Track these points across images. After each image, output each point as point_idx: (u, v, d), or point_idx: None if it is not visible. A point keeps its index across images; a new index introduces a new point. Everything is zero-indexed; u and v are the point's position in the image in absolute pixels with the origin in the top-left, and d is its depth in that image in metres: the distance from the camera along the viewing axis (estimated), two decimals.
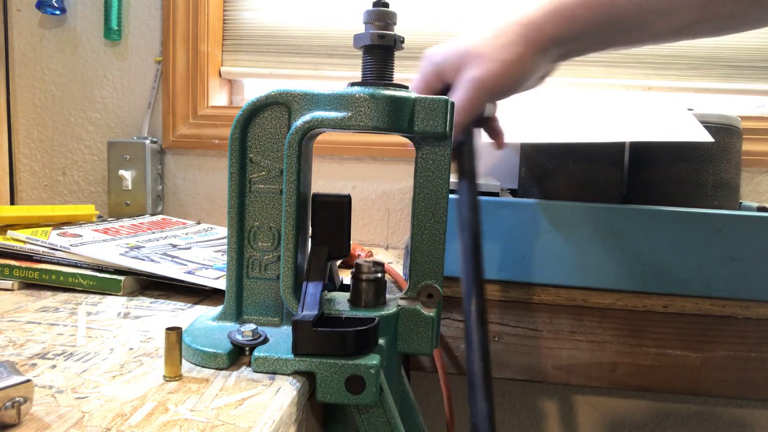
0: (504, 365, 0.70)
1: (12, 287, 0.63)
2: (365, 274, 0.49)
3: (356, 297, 0.50)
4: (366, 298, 0.49)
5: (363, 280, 0.49)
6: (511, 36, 0.55)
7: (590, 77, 1.03)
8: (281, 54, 1.09)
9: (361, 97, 0.45)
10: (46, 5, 1.06)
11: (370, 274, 0.49)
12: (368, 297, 0.49)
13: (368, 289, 0.49)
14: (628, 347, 0.68)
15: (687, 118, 0.70)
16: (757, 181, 0.99)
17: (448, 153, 0.49)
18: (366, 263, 0.49)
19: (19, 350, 0.46)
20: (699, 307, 0.66)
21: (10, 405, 0.33)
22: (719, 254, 0.64)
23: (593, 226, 0.66)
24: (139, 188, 1.05)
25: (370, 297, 0.49)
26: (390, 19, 0.48)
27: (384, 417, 0.44)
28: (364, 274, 0.49)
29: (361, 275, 0.49)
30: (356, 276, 0.50)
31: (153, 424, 0.35)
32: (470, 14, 1.04)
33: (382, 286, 0.50)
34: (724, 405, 1.04)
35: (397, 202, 1.06)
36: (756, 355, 0.67)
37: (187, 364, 0.44)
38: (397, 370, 0.55)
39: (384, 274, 0.51)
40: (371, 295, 0.49)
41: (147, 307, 0.59)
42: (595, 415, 1.07)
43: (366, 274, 0.49)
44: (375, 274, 0.49)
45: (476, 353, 0.47)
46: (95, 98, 1.12)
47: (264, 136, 0.49)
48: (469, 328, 0.48)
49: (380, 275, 0.50)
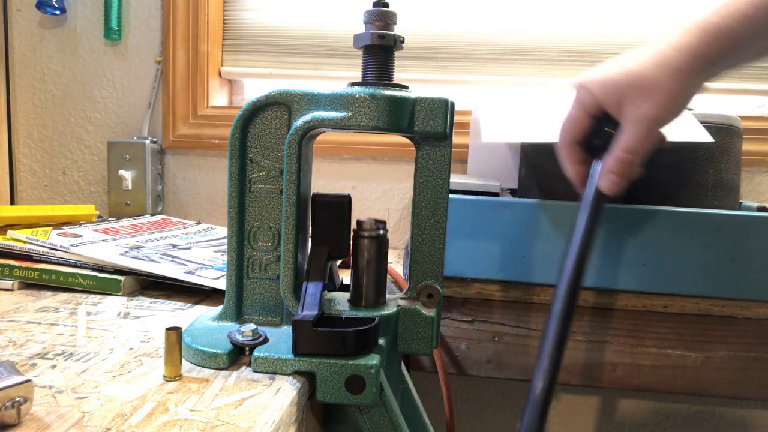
0: (504, 365, 0.70)
1: (12, 287, 0.63)
2: (367, 231, 0.49)
3: (357, 256, 0.49)
4: (368, 255, 0.49)
5: (365, 237, 0.49)
6: (672, 63, 0.51)
7: None
8: (281, 54, 1.09)
9: (361, 97, 0.45)
10: (46, 5, 1.06)
11: (372, 231, 0.49)
12: (370, 254, 0.49)
13: (370, 247, 0.49)
14: (628, 347, 0.68)
15: (687, 118, 0.70)
16: (757, 181, 0.99)
17: (449, 153, 0.49)
18: (368, 220, 0.49)
19: (19, 350, 0.46)
20: (699, 307, 0.66)
21: (10, 405, 0.33)
22: (719, 254, 0.64)
23: None
24: (139, 188, 1.05)
25: (372, 254, 0.49)
26: (390, 19, 0.48)
27: (386, 416, 0.44)
28: (366, 231, 0.49)
29: (363, 232, 0.49)
30: (358, 233, 0.49)
31: (153, 424, 0.35)
32: (470, 14, 1.04)
33: (383, 244, 0.49)
34: (724, 405, 1.04)
35: (397, 202, 1.06)
36: (756, 355, 0.67)
37: (187, 364, 0.44)
38: (398, 369, 0.55)
39: (386, 232, 0.50)
40: (373, 253, 0.49)
41: (147, 307, 0.59)
42: (595, 415, 1.07)
43: (368, 231, 0.49)
44: (377, 231, 0.49)
45: (545, 374, 0.47)
46: (95, 98, 1.12)
47: (264, 136, 0.49)
48: (545, 347, 0.48)
49: (382, 232, 0.49)
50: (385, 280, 0.51)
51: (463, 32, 1.04)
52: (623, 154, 0.52)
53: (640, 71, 0.52)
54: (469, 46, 1.04)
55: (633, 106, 0.52)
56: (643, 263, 0.66)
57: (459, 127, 0.96)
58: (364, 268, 0.49)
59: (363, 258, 0.49)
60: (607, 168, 0.53)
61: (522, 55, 1.04)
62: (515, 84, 1.04)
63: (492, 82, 1.05)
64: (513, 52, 1.04)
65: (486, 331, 0.70)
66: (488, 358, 0.70)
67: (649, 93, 0.51)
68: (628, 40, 1.01)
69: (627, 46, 0.99)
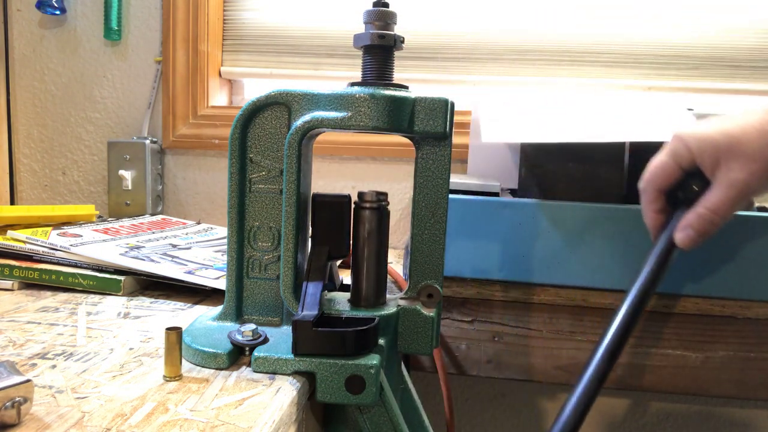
0: (504, 365, 0.70)
1: (12, 287, 0.63)
2: (368, 202, 0.49)
3: (358, 227, 0.49)
4: (369, 227, 0.49)
5: (366, 208, 0.49)
6: None
7: (590, 77, 1.03)
8: (281, 54, 1.09)
9: (361, 97, 0.45)
10: (46, 5, 1.06)
11: (373, 202, 0.49)
12: (371, 226, 0.49)
13: (371, 218, 0.49)
14: (629, 347, 0.68)
15: (688, 118, 0.70)
16: None
17: (449, 153, 0.49)
18: (369, 192, 0.49)
19: (19, 350, 0.46)
20: (699, 307, 0.66)
21: (10, 405, 0.33)
22: (719, 254, 0.64)
23: (593, 226, 0.66)
24: (139, 188, 1.05)
25: (373, 226, 0.49)
26: (390, 19, 0.48)
27: (386, 416, 0.44)
28: (368, 202, 0.49)
29: (364, 203, 0.49)
30: (359, 205, 0.49)
31: (153, 424, 0.35)
32: (470, 14, 1.04)
33: (385, 215, 0.49)
34: (724, 405, 1.04)
35: (397, 202, 1.06)
36: (756, 355, 0.67)
37: (187, 364, 0.44)
38: (398, 369, 0.55)
39: (387, 204, 0.50)
40: (374, 224, 0.49)
41: (147, 307, 0.59)
42: (595, 415, 1.07)
43: (369, 202, 0.49)
44: (379, 203, 0.49)
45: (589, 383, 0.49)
46: (95, 98, 1.12)
47: (264, 136, 0.49)
48: (594, 356, 0.49)
49: (384, 203, 0.49)
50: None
51: (463, 32, 1.04)
52: (707, 213, 0.53)
53: (741, 136, 0.52)
54: (469, 46, 1.04)
55: (727, 168, 0.52)
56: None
57: (459, 127, 0.96)
58: (365, 239, 0.49)
59: (364, 229, 0.49)
60: (687, 222, 0.54)
61: (522, 55, 1.04)
62: (515, 84, 1.04)
63: (492, 82, 1.05)
64: (513, 52, 1.04)
65: (486, 331, 0.70)
66: (488, 358, 0.70)
67: (746, 159, 0.51)
68: (628, 40, 1.01)
69: (627, 46, 1.00)
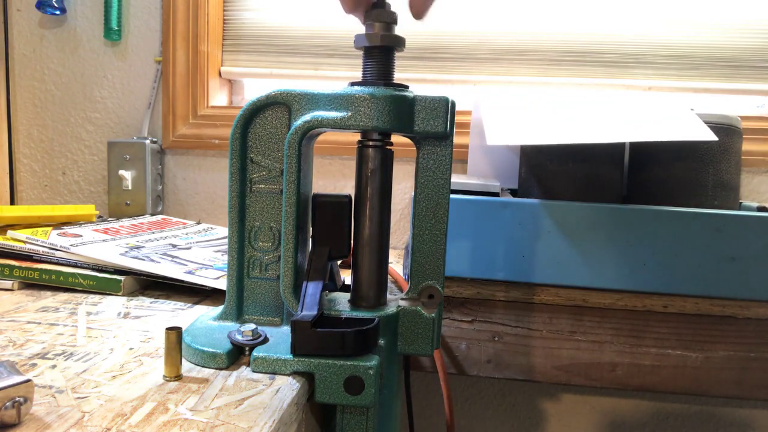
0: (504, 365, 0.70)
1: (12, 287, 0.63)
2: (372, 141, 0.48)
3: (361, 166, 0.48)
4: (372, 166, 0.48)
5: (370, 147, 0.48)
6: None
7: (590, 77, 1.03)
8: (281, 54, 1.09)
9: (361, 97, 0.45)
10: (46, 5, 1.06)
11: (376, 141, 0.48)
12: (375, 164, 0.48)
13: (375, 156, 0.48)
14: (628, 347, 0.68)
15: (690, 117, 0.70)
16: (757, 181, 0.99)
17: (450, 153, 0.49)
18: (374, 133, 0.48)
19: (19, 350, 0.46)
20: (699, 307, 0.66)
21: (10, 405, 0.33)
22: (719, 254, 0.64)
23: (593, 226, 0.66)
24: (139, 188, 1.05)
25: (377, 164, 0.48)
26: (390, 19, 0.48)
27: (364, 424, 0.44)
28: (372, 141, 0.48)
29: (368, 141, 0.48)
30: (363, 143, 0.49)
31: (153, 424, 0.35)
32: (470, 14, 1.04)
33: (389, 157, 0.48)
34: (724, 405, 1.04)
35: (397, 202, 1.06)
36: (756, 355, 0.67)
37: (187, 364, 0.44)
38: (398, 370, 0.55)
39: (391, 145, 0.49)
40: (378, 162, 0.48)
41: (147, 307, 0.59)
42: (595, 415, 1.07)
43: (373, 141, 0.48)
44: (383, 141, 0.49)
45: None
46: (95, 98, 1.12)
47: (264, 136, 0.49)
48: None
49: (389, 147, 0.49)
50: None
51: (463, 32, 1.04)
52: None
53: None
54: (470, 46, 1.04)
55: None
56: (643, 263, 0.66)
57: (459, 127, 0.96)
58: (368, 178, 0.48)
59: (367, 168, 0.48)
60: None
61: (522, 55, 1.04)
62: (515, 84, 1.04)
63: (492, 82, 1.05)
64: (513, 52, 1.04)
65: (486, 331, 0.70)
66: (488, 358, 0.70)
67: None
68: (628, 40, 1.01)
69: (627, 46, 1.00)
